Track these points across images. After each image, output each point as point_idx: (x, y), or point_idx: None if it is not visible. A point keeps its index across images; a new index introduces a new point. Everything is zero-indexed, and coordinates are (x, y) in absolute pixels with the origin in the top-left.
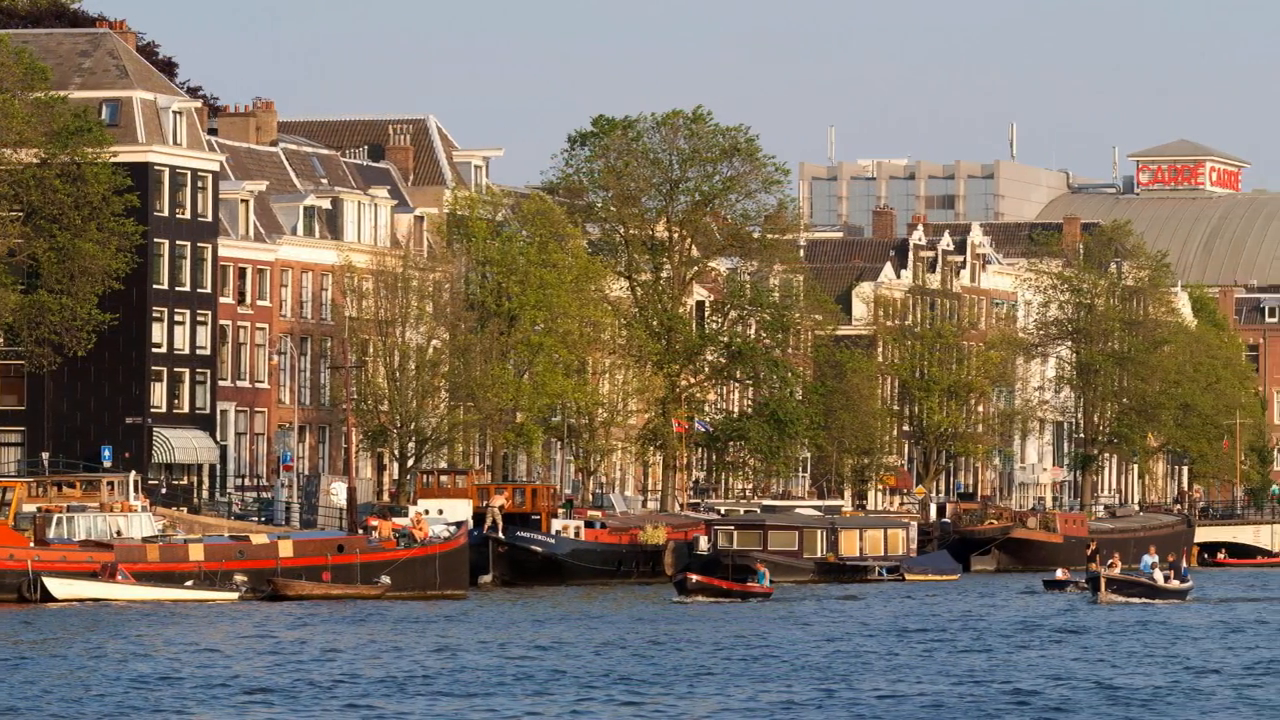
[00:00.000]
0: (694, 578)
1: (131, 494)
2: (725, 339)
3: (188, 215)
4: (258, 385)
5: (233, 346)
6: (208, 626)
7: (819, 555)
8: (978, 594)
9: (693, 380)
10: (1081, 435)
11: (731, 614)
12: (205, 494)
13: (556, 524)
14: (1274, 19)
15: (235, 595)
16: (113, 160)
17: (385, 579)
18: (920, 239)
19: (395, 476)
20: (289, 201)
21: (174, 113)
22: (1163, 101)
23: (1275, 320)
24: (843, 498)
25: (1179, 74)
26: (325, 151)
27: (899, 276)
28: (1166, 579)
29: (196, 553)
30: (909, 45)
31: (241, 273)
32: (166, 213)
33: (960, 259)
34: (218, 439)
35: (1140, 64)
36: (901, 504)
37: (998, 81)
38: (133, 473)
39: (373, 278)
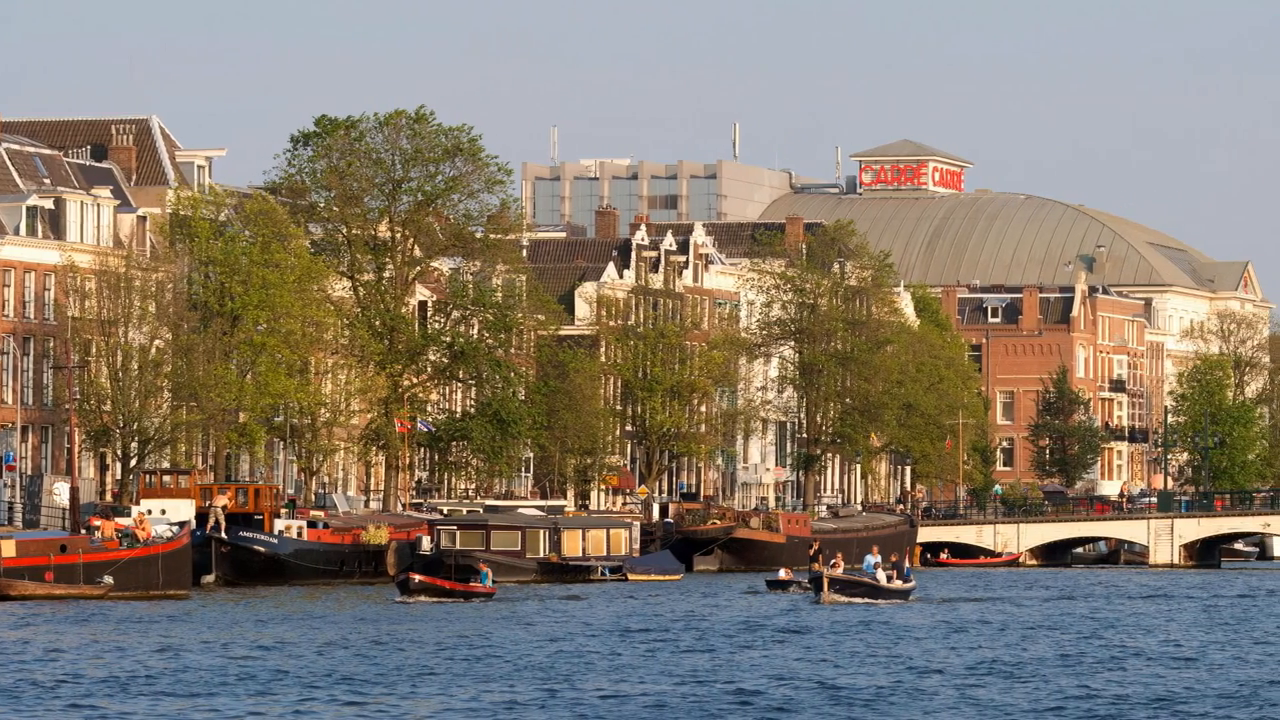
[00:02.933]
0: (416, 578)
1: None
2: (448, 339)
3: None
4: None
5: None
6: None
7: (542, 555)
8: (700, 594)
9: (415, 380)
10: (804, 435)
11: (454, 614)
12: None
13: (279, 524)
14: (994, 19)
15: None
16: None
17: (108, 579)
18: (643, 239)
19: (118, 476)
20: (11, 201)
21: None
22: (884, 101)
23: (998, 320)
24: (565, 498)
25: (900, 74)
26: (48, 151)
27: (622, 276)
28: (889, 579)
29: None
30: (631, 45)
31: None
32: None
33: (683, 259)
34: None
35: (862, 64)
36: (624, 504)
37: (720, 81)
38: None
39: (95, 278)
